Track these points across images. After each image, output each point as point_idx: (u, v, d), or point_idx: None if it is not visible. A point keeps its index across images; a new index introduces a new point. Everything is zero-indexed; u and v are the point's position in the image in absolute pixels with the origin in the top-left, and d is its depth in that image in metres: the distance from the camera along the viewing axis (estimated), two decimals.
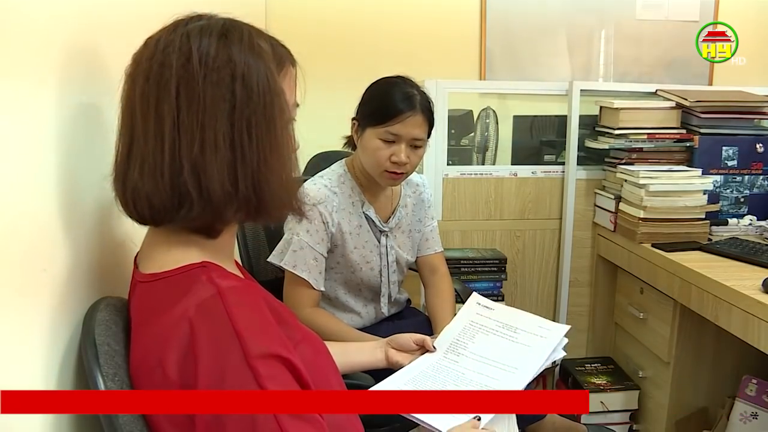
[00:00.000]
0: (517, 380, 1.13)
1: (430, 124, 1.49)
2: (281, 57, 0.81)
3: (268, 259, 1.50)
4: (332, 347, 1.02)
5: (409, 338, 1.24)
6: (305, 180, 1.54)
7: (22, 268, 0.69)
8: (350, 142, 1.61)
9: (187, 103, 0.72)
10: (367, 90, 1.52)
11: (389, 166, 1.45)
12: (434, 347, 1.23)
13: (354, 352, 1.24)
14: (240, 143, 0.74)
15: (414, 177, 1.69)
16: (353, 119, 1.53)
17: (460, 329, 1.27)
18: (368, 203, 1.56)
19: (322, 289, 1.50)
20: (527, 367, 1.16)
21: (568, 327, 1.26)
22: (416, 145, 1.47)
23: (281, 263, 1.47)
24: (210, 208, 0.74)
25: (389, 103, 1.43)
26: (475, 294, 1.37)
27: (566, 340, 1.25)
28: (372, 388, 1.13)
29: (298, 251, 1.46)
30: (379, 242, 1.58)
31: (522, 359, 1.18)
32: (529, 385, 1.15)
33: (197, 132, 0.72)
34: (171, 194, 0.73)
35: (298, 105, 0.86)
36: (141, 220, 0.79)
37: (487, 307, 1.32)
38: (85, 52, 0.86)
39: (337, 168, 1.57)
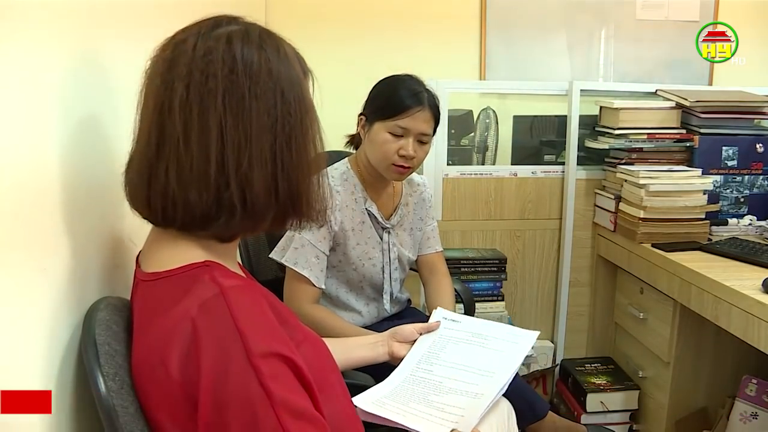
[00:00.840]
0: (495, 383, 1.12)
1: (436, 120, 1.52)
2: (304, 68, 0.82)
3: (270, 255, 1.51)
4: (333, 343, 1.01)
5: (412, 328, 1.25)
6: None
7: (23, 268, 0.69)
8: (352, 140, 1.64)
9: (234, 115, 0.72)
10: (375, 86, 1.55)
11: (396, 159, 1.47)
12: (442, 318, 1.26)
13: (355, 348, 1.24)
14: (281, 156, 0.75)
15: (415, 177, 1.70)
16: (360, 115, 1.55)
17: (429, 343, 1.25)
18: (371, 200, 1.57)
19: (323, 287, 1.50)
20: (504, 371, 1.15)
21: (537, 333, 1.27)
22: (423, 141, 1.49)
23: (282, 260, 1.48)
24: (251, 220, 0.75)
25: (399, 97, 1.46)
26: (439, 309, 1.36)
27: (537, 333, 1.26)
28: (353, 399, 1.10)
29: (300, 249, 1.46)
30: (382, 239, 1.59)
31: (497, 363, 1.17)
32: (511, 384, 1.15)
33: (245, 145, 0.72)
34: (213, 205, 0.73)
35: None
36: (162, 223, 0.77)
37: (453, 320, 1.32)
38: (91, 51, 0.86)
39: (340, 166, 1.59)
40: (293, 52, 0.81)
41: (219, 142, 0.72)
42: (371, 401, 1.11)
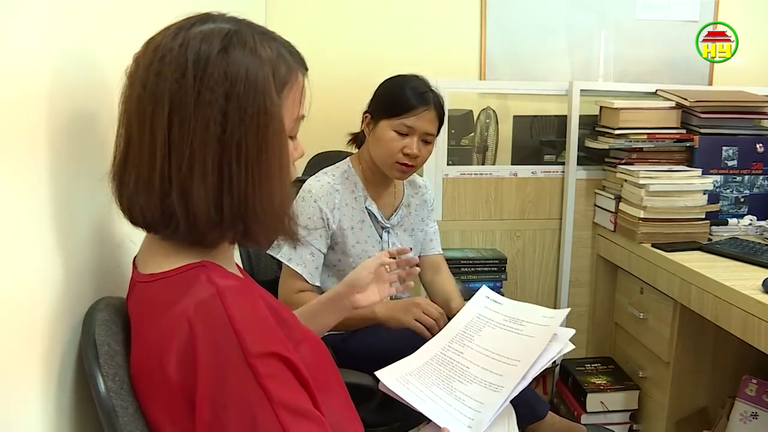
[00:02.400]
0: (519, 372, 1.12)
1: (441, 121, 1.54)
2: (289, 67, 0.77)
3: (267, 251, 1.53)
4: (301, 314, 1.00)
5: (365, 272, 1.15)
6: (303, 185, 1.54)
7: (22, 268, 0.69)
8: (355, 139, 1.64)
9: (179, 120, 0.70)
10: (381, 84, 1.56)
11: (401, 157, 1.49)
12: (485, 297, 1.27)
13: (317, 316, 1.14)
14: (228, 168, 0.71)
15: (416, 179, 1.71)
16: (365, 113, 1.56)
17: (466, 321, 1.27)
18: (371, 199, 1.58)
19: (317, 283, 1.51)
20: (528, 357, 1.14)
21: (568, 310, 1.28)
22: (427, 140, 1.52)
23: (278, 256, 1.49)
24: (195, 231, 0.74)
25: (406, 97, 1.49)
26: (484, 287, 1.37)
27: (573, 331, 1.22)
28: (376, 373, 1.12)
29: (296, 245, 1.46)
30: (381, 238, 1.59)
31: (524, 351, 1.17)
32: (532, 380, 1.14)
33: (186, 152, 0.70)
34: (160, 211, 0.73)
35: (303, 117, 0.82)
36: (135, 225, 0.79)
37: (495, 302, 1.33)
38: (81, 50, 0.86)
39: (342, 165, 1.60)
40: (275, 50, 0.75)
41: (164, 146, 0.70)
42: (396, 377, 1.11)
